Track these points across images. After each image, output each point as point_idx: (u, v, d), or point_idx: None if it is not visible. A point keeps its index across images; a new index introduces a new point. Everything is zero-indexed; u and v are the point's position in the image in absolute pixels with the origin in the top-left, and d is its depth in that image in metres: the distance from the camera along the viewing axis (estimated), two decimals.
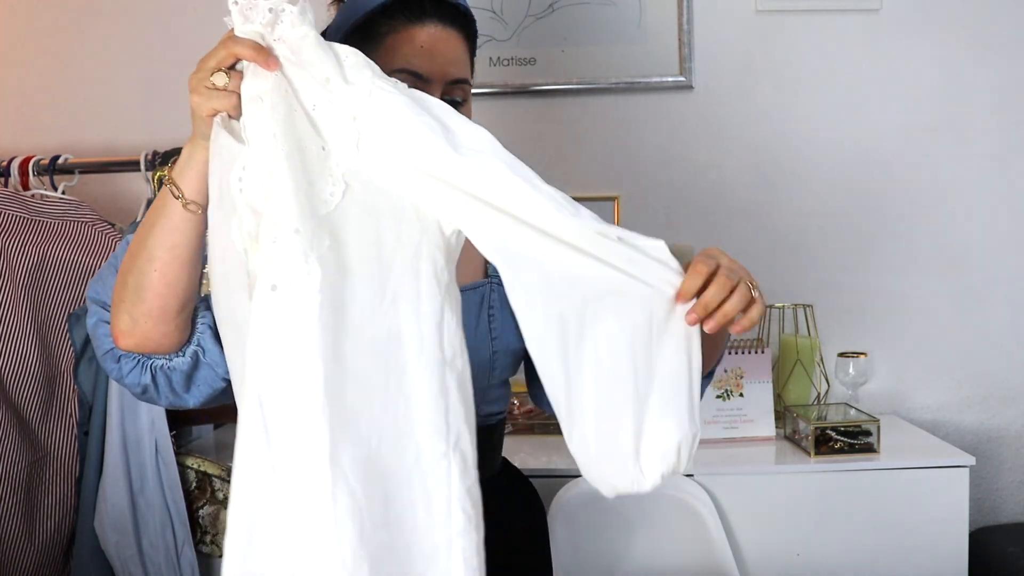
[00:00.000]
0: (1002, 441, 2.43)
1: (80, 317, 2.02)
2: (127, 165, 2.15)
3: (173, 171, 1.08)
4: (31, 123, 2.41)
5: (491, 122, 1.26)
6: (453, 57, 1.26)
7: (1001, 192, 2.41)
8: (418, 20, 1.25)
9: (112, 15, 2.39)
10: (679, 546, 1.97)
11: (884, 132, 2.40)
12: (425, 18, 1.25)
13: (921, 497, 2.02)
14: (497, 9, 2.36)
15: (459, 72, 1.26)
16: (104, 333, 1.18)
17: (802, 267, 2.42)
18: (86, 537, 1.99)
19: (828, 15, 2.38)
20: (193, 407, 1.22)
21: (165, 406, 1.22)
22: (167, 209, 1.07)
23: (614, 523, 1.98)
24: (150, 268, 1.09)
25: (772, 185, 2.41)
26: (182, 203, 1.06)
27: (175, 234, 1.07)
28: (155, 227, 1.08)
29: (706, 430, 2.19)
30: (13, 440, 1.96)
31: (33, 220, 2.04)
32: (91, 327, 1.21)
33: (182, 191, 1.06)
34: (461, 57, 1.27)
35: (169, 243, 1.08)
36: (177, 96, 2.37)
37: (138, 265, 1.10)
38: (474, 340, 1.27)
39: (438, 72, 1.24)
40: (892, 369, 2.43)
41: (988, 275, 2.42)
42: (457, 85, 1.26)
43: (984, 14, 2.38)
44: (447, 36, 1.26)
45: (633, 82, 2.38)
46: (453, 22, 1.26)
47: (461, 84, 1.27)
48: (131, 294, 1.11)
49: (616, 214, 2.39)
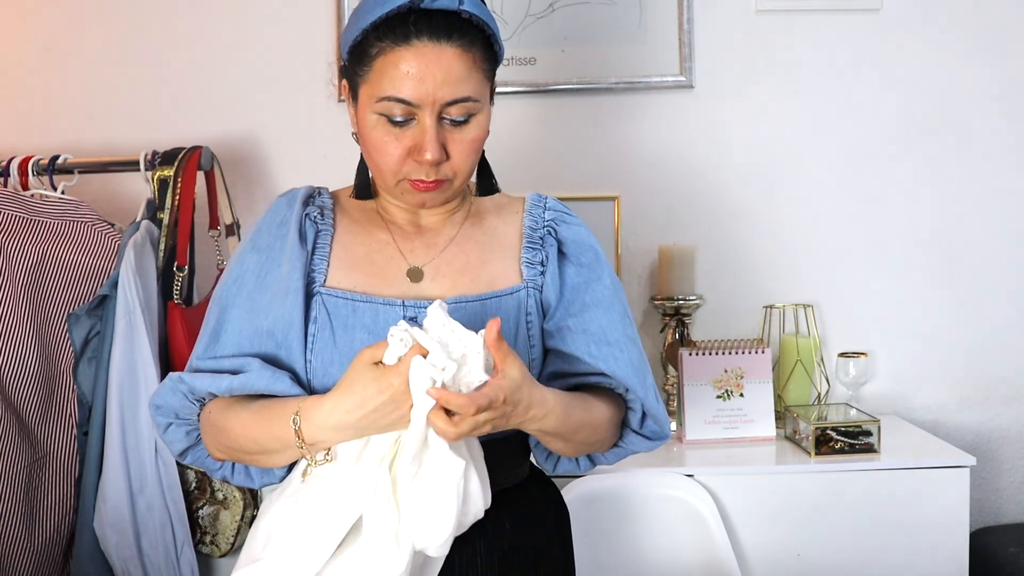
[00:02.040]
0: (1003, 441, 2.43)
1: (80, 317, 2.02)
2: (127, 165, 2.15)
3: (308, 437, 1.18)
4: (31, 123, 2.40)
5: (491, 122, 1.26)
6: (446, 77, 1.18)
7: (1001, 192, 2.41)
8: (405, 40, 1.18)
9: (112, 15, 2.39)
10: (680, 546, 1.97)
11: (884, 132, 2.40)
12: (413, 37, 1.18)
13: (921, 497, 2.02)
14: (497, 9, 2.36)
15: (455, 92, 1.19)
16: (182, 436, 1.30)
17: (802, 267, 2.42)
18: (86, 537, 1.99)
19: (828, 15, 2.38)
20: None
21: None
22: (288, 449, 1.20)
23: (616, 523, 1.98)
24: (250, 458, 1.26)
25: (772, 185, 2.41)
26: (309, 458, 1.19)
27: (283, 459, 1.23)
28: (262, 448, 1.22)
29: (706, 430, 2.20)
30: (13, 440, 1.96)
31: (33, 220, 2.04)
32: (167, 436, 1.31)
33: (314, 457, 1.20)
34: (459, 73, 1.19)
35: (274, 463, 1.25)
36: (177, 96, 2.39)
37: (251, 455, 1.25)
38: (516, 348, 1.25)
39: (427, 97, 1.18)
40: (892, 369, 2.43)
41: (988, 275, 2.41)
42: (456, 105, 1.20)
43: (984, 14, 2.38)
44: (439, 54, 1.18)
45: (633, 82, 2.38)
46: (450, 36, 1.19)
47: (461, 103, 1.20)
48: (246, 460, 1.28)
49: (616, 214, 2.38)
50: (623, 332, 1.30)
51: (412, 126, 1.21)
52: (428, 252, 1.31)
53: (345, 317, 1.24)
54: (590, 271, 1.32)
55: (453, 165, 1.24)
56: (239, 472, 1.31)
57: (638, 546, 1.98)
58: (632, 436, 1.34)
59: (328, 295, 1.25)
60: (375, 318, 1.24)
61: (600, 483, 1.97)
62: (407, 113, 1.20)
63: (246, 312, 1.25)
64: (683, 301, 2.31)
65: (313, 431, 1.15)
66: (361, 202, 1.35)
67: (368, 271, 1.28)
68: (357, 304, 1.24)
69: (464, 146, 1.23)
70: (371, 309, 1.24)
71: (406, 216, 1.33)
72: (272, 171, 2.39)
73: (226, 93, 2.38)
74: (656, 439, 1.34)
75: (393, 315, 1.23)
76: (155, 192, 2.09)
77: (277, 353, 1.23)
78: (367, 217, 1.34)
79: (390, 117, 1.20)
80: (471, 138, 1.23)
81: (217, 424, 1.24)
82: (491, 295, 1.28)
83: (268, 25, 2.38)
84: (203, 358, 1.26)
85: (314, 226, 1.30)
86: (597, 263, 1.34)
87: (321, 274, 1.27)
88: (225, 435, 1.24)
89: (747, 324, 2.41)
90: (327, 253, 1.29)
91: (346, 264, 1.28)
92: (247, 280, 1.27)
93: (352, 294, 1.25)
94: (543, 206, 1.37)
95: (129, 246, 1.99)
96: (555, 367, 1.30)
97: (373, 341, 1.18)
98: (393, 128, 1.21)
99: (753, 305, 2.41)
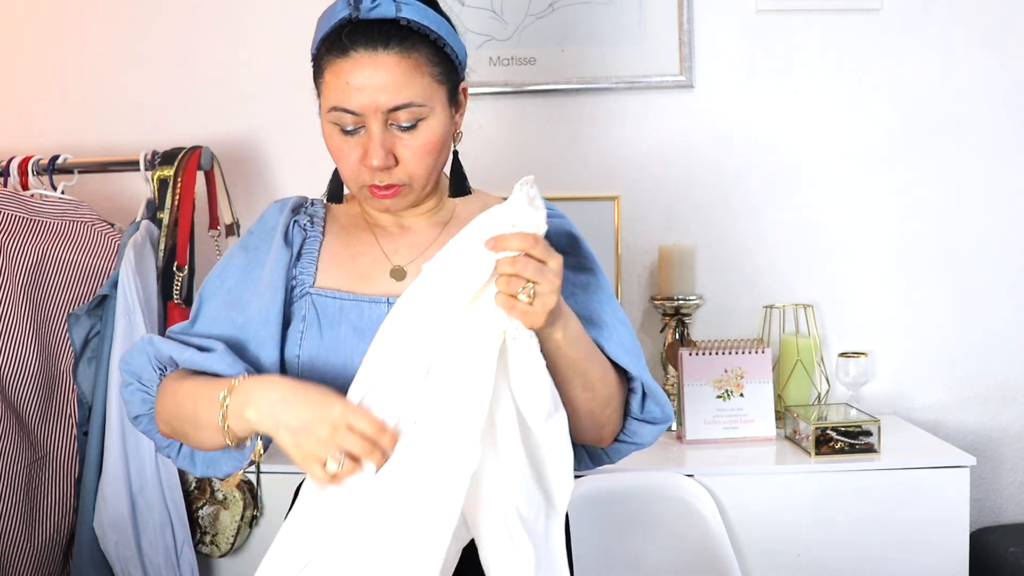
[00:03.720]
0: (1003, 441, 2.43)
1: (80, 317, 2.02)
2: (127, 165, 2.15)
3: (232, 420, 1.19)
4: (31, 123, 2.40)
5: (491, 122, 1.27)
6: (384, 84, 1.20)
7: (1001, 192, 2.41)
8: (343, 52, 1.21)
9: (112, 15, 2.39)
10: (680, 546, 1.97)
11: (884, 132, 2.40)
12: (350, 48, 1.21)
13: (922, 497, 2.02)
14: (497, 9, 2.36)
15: (395, 99, 1.21)
16: (138, 400, 1.32)
17: (802, 267, 2.42)
18: (86, 537, 1.99)
19: (828, 15, 2.38)
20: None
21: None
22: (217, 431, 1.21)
23: (616, 523, 1.98)
24: (184, 430, 1.27)
25: (772, 185, 2.41)
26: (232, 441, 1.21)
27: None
28: (194, 421, 1.23)
29: (707, 430, 2.20)
30: (13, 440, 1.96)
31: (33, 220, 2.04)
32: (126, 394, 1.32)
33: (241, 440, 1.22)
34: (398, 80, 1.21)
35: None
36: (177, 96, 2.39)
37: (185, 425, 1.26)
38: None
39: (369, 105, 1.21)
40: (892, 369, 2.43)
41: (988, 275, 2.41)
42: (400, 111, 1.22)
43: (984, 14, 2.37)
44: (376, 62, 1.20)
45: (633, 82, 2.38)
46: (387, 44, 1.21)
47: (405, 108, 1.22)
48: (180, 434, 1.29)
49: (616, 214, 2.38)
50: (613, 314, 1.31)
51: (362, 134, 1.25)
52: (411, 252, 1.34)
53: (332, 315, 1.29)
54: (572, 258, 1.33)
55: (406, 170, 1.26)
56: (184, 455, 1.35)
57: (638, 546, 1.98)
58: (635, 424, 1.33)
59: (317, 295, 1.30)
60: (360, 315, 1.28)
61: (600, 483, 1.97)
62: (356, 122, 1.24)
63: (223, 304, 1.31)
64: (683, 301, 2.31)
65: (236, 403, 1.17)
66: (349, 208, 1.40)
67: (353, 272, 1.33)
68: (344, 303, 1.29)
69: (414, 151, 1.25)
70: (356, 307, 1.29)
71: (390, 219, 1.37)
72: (272, 171, 2.40)
73: (226, 93, 2.38)
74: (659, 423, 1.33)
75: (378, 312, 1.27)
76: (155, 192, 2.09)
77: (247, 345, 1.28)
78: (354, 222, 1.39)
79: (342, 127, 1.25)
80: (421, 143, 1.25)
81: (167, 389, 1.28)
82: None
83: (268, 25, 2.38)
84: (175, 332, 1.32)
85: (303, 232, 1.35)
86: (577, 248, 1.34)
87: (310, 276, 1.32)
88: (171, 399, 1.27)
89: (747, 324, 2.41)
90: (315, 258, 1.34)
91: (334, 267, 1.33)
92: (230, 275, 1.34)
93: (339, 293, 1.30)
94: None
95: (129, 246, 1.99)
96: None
97: (358, 337, 1.25)
98: (346, 137, 1.25)
99: (753, 305, 2.41)
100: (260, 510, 2.21)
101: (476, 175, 1.39)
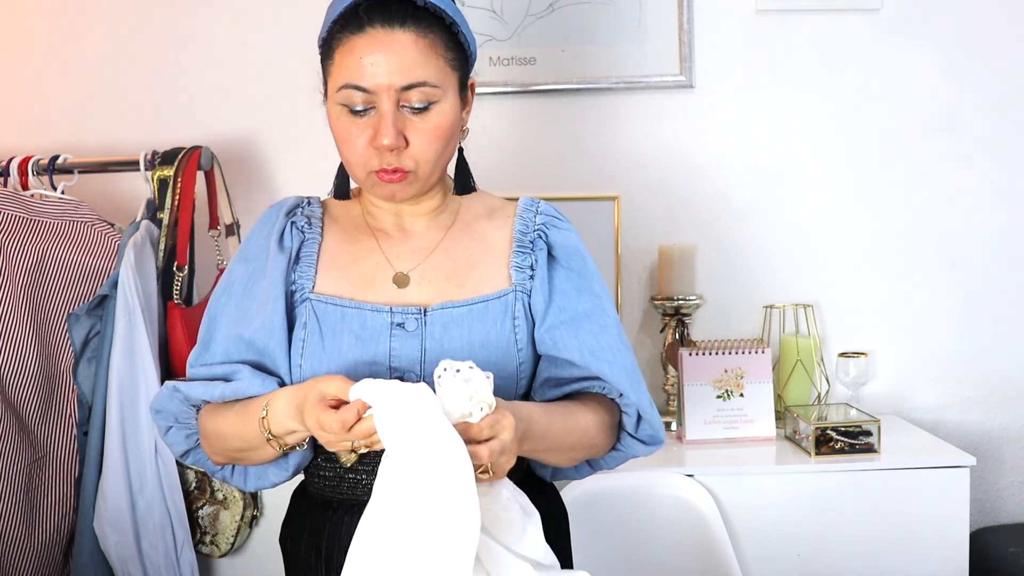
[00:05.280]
0: (1003, 441, 2.43)
1: (80, 317, 2.02)
2: (127, 165, 2.15)
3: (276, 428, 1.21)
4: (31, 123, 2.40)
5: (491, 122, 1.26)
6: (400, 61, 1.20)
7: (1001, 192, 2.41)
8: (359, 29, 1.21)
9: (111, 15, 2.39)
10: (680, 546, 1.97)
11: (884, 132, 2.40)
12: (366, 24, 1.20)
13: (922, 497, 2.02)
14: (497, 9, 2.36)
15: (410, 77, 1.20)
16: (182, 438, 1.33)
17: (802, 267, 2.42)
18: (86, 537, 1.99)
19: (828, 15, 2.38)
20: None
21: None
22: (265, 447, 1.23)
23: (616, 523, 1.98)
24: (243, 456, 1.28)
25: (772, 185, 2.41)
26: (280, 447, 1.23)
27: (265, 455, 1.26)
28: (248, 445, 1.24)
29: (706, 430, 2.20)
30: (12, 440, 1.96)
31: (33, 220, 2.04)
32: (168, 439, 1.34)
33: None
34: (414, 58, 1.20)
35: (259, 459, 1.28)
36: (177, 96, 2.39)
37: (240, 453, 1.28)
38: (501, 352, 1.27)
39: (382, 82, 1.20)
40: (893, 369, 2.43)
41: (988, 275, 2.41)
42: (413, 90, 1.21)
43: (984, 14, 2.37)
44: (392, 39, 1.20)
45: (633, 82, 2.38)
46: (403, 22, 1.20)
47: (419, 87, 1.21)
48: (238, 460, 1.31)
49: (616, 214, 2.38)
50: (616, 337, 1.32)
51: (371, 115, 1.23)
52: (414, 258, 1.32)
53: (334, 323, 1.26)
54: (580, 277, 1.33)
55: (413, 154, 1.24)
56: (238, 473, 1.35)
57: (638, 546, 1.98)
58: (629, 440, 1.36)
59: (317, 301, 1.28)
60: (363, 323, 1.26)
61: (600, 483, 1.97)
62: (367, 101, 1.22)
63: (232, 321, 1.30)
64: (683, 301, 2.31)
65: (274, 419, 1.19)
66: (349, 209, 1.37)
67: (355, 277, 1.30)
68: (346, 310, 1.27)
69: (424, 134, 1.23)
70: (359, 315, 1.26)
71: (392, 221, 1.34)
72: (272, 171, 2.39)
73: (226, 93, 2.38)
74: (652, 443, 1.36)
75: (381, 321, 1.26)
76: (155, 192, 2.09)
77: (261, 360, 1.27)
78: (354, 224, 1.36)
79: (351, 107, 1.23)
80: (432, 126, 1.23)
81: (208, 429, 1.29)
82: (477, 300, 1.29)
83: (268, 25, 2.38)
84: (195, 365, 1.31)
85: (300, 234, 1.33)
86: (586, 269, 1.35)
87: (309, 280, 1.29)
88: (217, 438, 1.27)
89: (747, 324, 2.41)
90: (314, 260, 1.31)
91: (334, 271, 1.31)
92: (235, 290, 1.32)
93: (340, 300, 1.28)
94: (535, 210, 1.37)
95: (129, 246, 1.99)
96: (549, 373, 1.32)
97: (361, 346, 1.24)
98: (355, 118, 1.23)
99: (753, 305, 2.41)
100: (260, 510, 2.21)
101: (476, 175, 1.39)
